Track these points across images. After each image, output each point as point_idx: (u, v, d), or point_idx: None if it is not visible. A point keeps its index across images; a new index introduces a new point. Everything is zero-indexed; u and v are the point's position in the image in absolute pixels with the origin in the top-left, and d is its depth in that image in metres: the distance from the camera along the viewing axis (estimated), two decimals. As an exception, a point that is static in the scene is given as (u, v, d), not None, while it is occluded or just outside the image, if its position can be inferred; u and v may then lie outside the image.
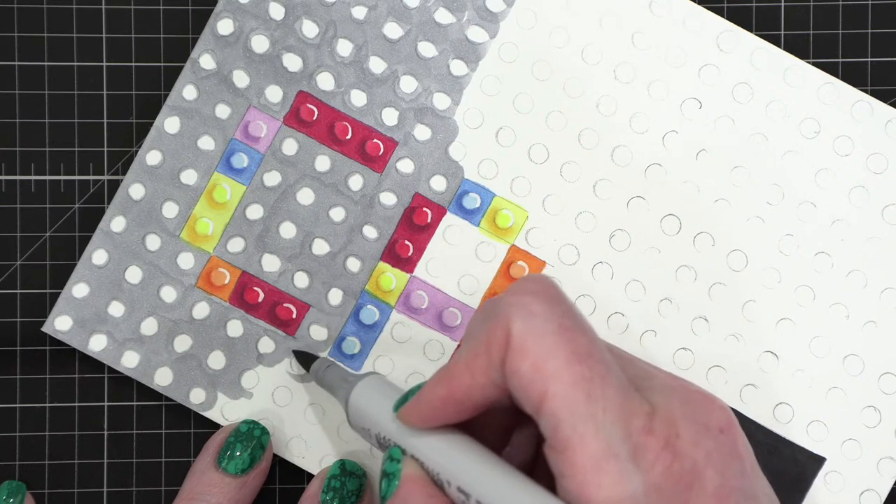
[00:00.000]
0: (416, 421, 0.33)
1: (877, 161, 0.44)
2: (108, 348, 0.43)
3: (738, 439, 0.31)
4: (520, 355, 0.30)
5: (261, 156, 0.44)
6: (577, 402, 0.29)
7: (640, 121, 0.44)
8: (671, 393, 0.31)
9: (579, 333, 0.30)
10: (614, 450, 0.29)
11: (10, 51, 0.44)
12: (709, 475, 0.30)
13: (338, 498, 0.42)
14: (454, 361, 0.32)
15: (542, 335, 0.30)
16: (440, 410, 0.32)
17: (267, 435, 0.42)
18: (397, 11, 0.44)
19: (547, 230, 0.44)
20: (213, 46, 0.44)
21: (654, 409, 0.30)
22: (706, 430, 0.30)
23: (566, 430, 0.29)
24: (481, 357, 0.31)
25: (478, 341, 0.31)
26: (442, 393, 0.32)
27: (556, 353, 0.30)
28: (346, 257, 0.44)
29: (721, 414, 0.31)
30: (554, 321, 0.30)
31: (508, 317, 0.31)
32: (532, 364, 0.30)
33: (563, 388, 0.30)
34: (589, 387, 0.30)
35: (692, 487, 0.29)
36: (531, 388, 0.30)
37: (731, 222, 0.44)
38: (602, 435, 0.29)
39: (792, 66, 0.44)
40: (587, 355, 0.30)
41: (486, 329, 0.31)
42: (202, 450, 0.42)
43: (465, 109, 0.44)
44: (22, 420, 0.44)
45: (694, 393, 0.31)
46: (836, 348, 0.44)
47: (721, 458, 0.30)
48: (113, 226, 0.43)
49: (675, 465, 0.29)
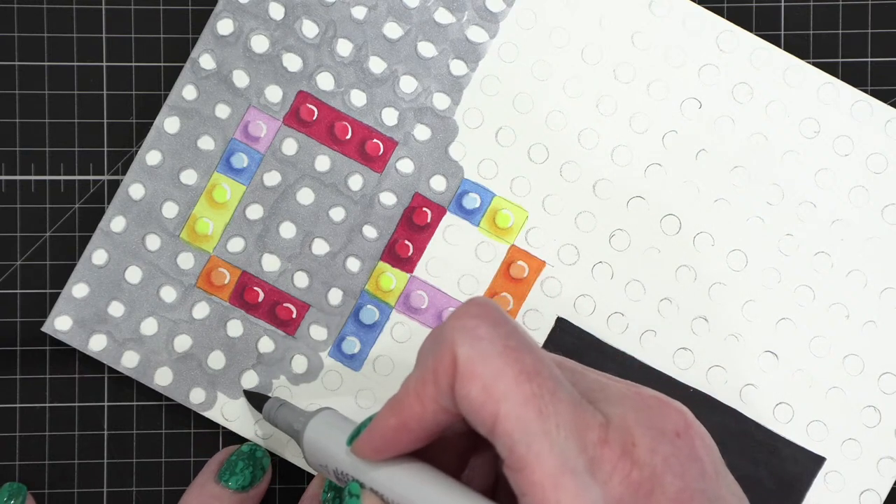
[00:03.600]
0: (370, 453, 0.33)
1: (876, 161, 0.44)
2: (107, 348, 0.43)
3: (696, 441, 0.31)
4: (468, 379, 0.30)
5: (261, 156, 0.44)
6: (529, 420, 0.29)
7: (640, 121, 0.44)
8: (625, 401, 0.31)
9: (525, 353, 0.30)
10: (570, 464, 0.29)
11: (10, 51, 0.44)
12: (668, 480, 0.30)
13: (338, 498, 0.42)
14: (403, 390, 0.32)
15: (488, 357, 0.30)
16: (393, 441, 0.32)
17: (268, 458, 0.43)
18: (397, 11, 0.44)
19: (547, 230, 0.44)
20: (213, 46, 0.44)
21: (608, 420, 0.30)
22: (662, 435, 0.30)
23: (521, 448, 0.29)
24: (429, 384, 0.31)
25: (425, 368, 0.31)
26: (393, 423, 0.32)
27: (504, 374, 0.30)
28: (345, 257, 0.44)
29: (677, 417, 0.31)
30: (499, 343, 0.30)
31: (454, 342, 0.31)
32: (481, 387, 0.30)
33: (514, 408, 0.30)
34: (539, 404, 0.30)
35: (652, 494, 0.29)
36: (483, 411, 0.30)
37: (731, 222, 0.44)
38: (557, 450, 0.29)
39: (792, 66, 0.44)
40: (535, 373, 0.30)
41: (432, 356, 0.31)
42: (204, 467, 0.43)
43: (464, 109, 0.44)
44: (22, 420, 0.44)
45: (648, 399, 0.31)
46: (836, 348, 0.44)
47: (679, 462, 0.30)
48: (113, 226, 0.43)
49: (633, 474, 0.29)
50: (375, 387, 0.44)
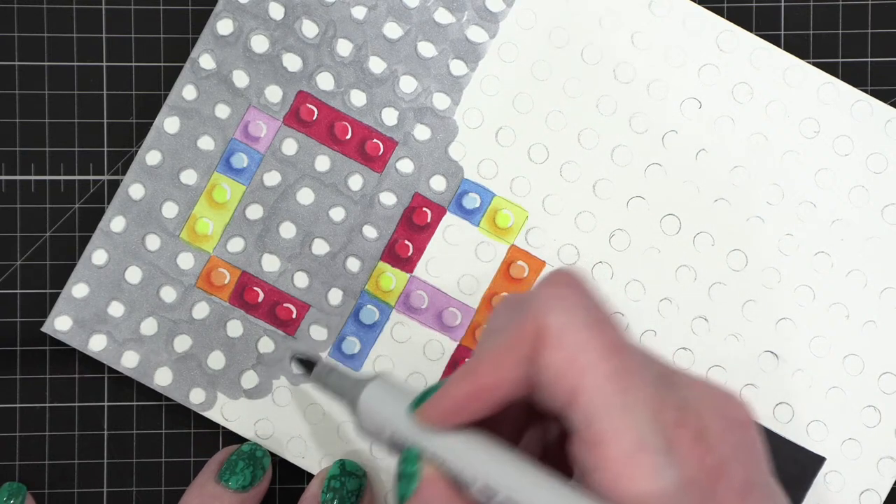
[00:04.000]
0: (437, 419, 0.32)
1: (876, 161, 0.44)
2: (107, 348, 0.43)
3: (758, 435, 0.31)
4: (555, 349, 0.30)
5: (261, 156, 0.44)
6: (612, 395, 0.29)
7: (639, 121, 0.44)
8: (696, 387, 0.31)
9: (611, 327, 0.30)
10: (649, 443, 0.29)
11: (10, 51, 0.44)
12: (735, 469, 0.30)
13: (338, 498, 0.42)
14: (478, 358, 0.31)
15: (576, 328, 0.30)
16: (463, 408, 0.32)
17: (268, 458, 0.43)
18: (397, 11, 0.44)
19: (547, 230, 0.44)
20: (212, 46, 0.44)
21: (685, 402, 0.30)
22: (732, 423, 0.30)
23: (600, 422, 0.29)
24: (512, 350, 0.31)
25: (507, 335, 0.31)
26: (467, 389, 0.31)
27: (590, 346, 0.30)
28: (345, 257, 0.44)
29: (743, 409, 0.31)
30: (589, 314, 0.30)
31: (543, 310, 0.30)
32: (567, 357, 0.30)
33: (598, 381, 0.29)
34: (623, 379, 0.29)
35: (720, 480, 0.29)
36: (563, 382, 0.30)
37: (731, 222, 0.44)
38: (636, 428, 0.29)
39: (792, 66, 0.44)
40: (621, 348, 0.30)
41: (515, 324, 0.31)
42: (204, 467, 0.43)
43: (464, 109, 0.44)
44: (22, 420, 0.44)
45: (717, 388, 0.31)
46: (836, 348, 0.44)
47: (745, 453, 0.30)
48: (113, 226, 0.43)
49: (706, 459, 0.29)
50: (375, 387, 0.44)
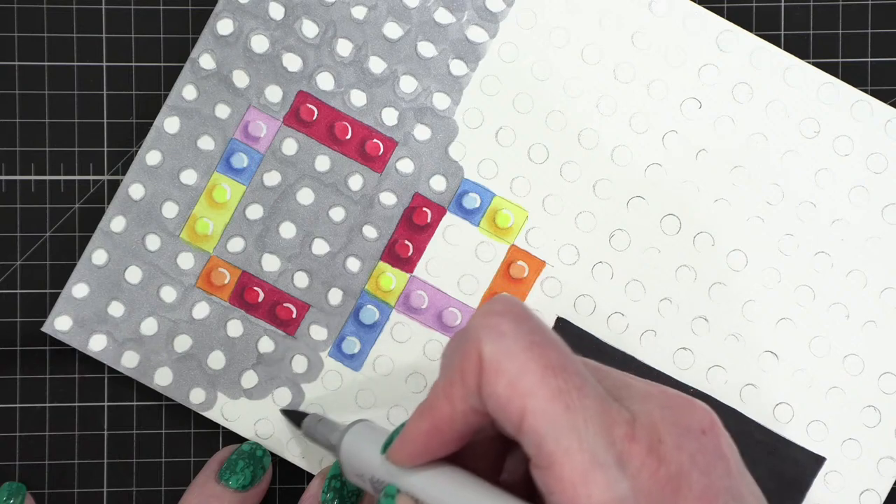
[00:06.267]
0: (404, 459, 0.33)
1: (876, 161, 0.44)
2: (107, 348, 0.43)
3: (722, 439, 0.31)
4: (494, 376, 0.30)
5: (261, 156, 0.44)
6: (557, 415, 0.29)
7: (639, 121, 0.44)
8: (650, 399, 0.31)
9: (550, 348, 0.30)
10: (600, 459, 0.29)
11: (10, 51, 0.44)
12: (695, 477, 0.30)
13: (338, 498, 0.42)
14: (433, 394, 0.32)
15: (513, 353, 0.30)
16: (425, 445, 0.32)
17: (268, 458, 0.43)
18: (397, 11, 0.44)
19: (547, 230, 0.44)
20: (212, 46, 0.44)
21: (634, 416, 0.30)
22: (688, 432, 0.30)
23: (549, 444, 0.29)
24: (457, 384, 0.31)
25: (452, 369, 0.31)
26: (425, 427, 0.32)
27: (530, 369, 0.30)
28: (345, 257, 0.44)
29: (703, 415, 0.31)
30: (524, 338, 0.30)
31: (478, 339, 0.30)
32: (507, 383, 0.30)
33: (541, 403, 0.29)
34: (566, 399, 0.29)
35: (679, 491, 0.29)
36: (509, 407, 0.30)
37: (731, 222, 0.44)
38: (586, 445, 0.29)
39: (792, 66, 0.44)
40: (561, 368, 0.30)
41: (458, 355, 0.31)
42: (204, 466, 0.43)
43: (464, 109, 0.44)
44: (22, 420, 0.44)
45: (673, 397, 0.31)
46: (836, 348, 0.44)
47: (705, 460, 0.30)
48: (113, 226, 0.43)
49: (661, 471, 0.29)
50: (375, 387, 0.44)
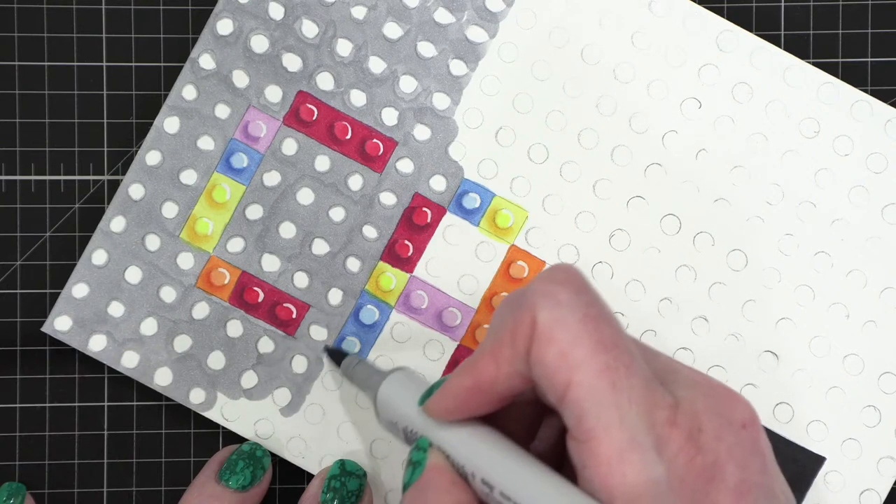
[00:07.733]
0: (441, 413, 0.33)
1: (876, 161, 0.44)
2: (107, 348, 0.43)
3: (760, 436, 0.31)
4: (546, 344, 0.30)
5: (260, 156, 0.44)
6: (602, 391, 0.29)
7: (639, 121, 0.44)
8: (695, 387, 0.31)
9: (605, 323, 0.30)
10: (639, 440, 0.29)
11: (10, 51, 0.44)
12: (730, 470, 0.30)
13: (338, 498, 0.42)
14: (479, 352, 0.32)
15: (567, 324, 0.30)
16: (465, 402, 0.32)
17: (268, 458, 0.43)
18: (397, 11, 0.44)
19: (547, 230, 0.44)
20: (212, 46, 0.44)
21: (677, 402, 0.30)
22: (729, 424, 0.30)
23: (590, 419, 0.29)
24: (506, 346, 0.31)
25: (503, 331, 0.31)
26: (467, 384, 0.32)
27: (582, 342, 0.30)
28: (345, 257, 0.44)
29: (744, 409, 0.31)
30: (580, 310, 0.30)
31: (534, 305, 0.30)
32: (557, 352, 0.30)
33: (588, 377, 0.29)
34: (614, 376, 0.29)
35: (713, 481, 0.29)
36: (556, 377, 0.30)
37: (731, 222, 0.44)
38: (626, 425, 0.29)
39: (792, 66, 0.44)
40: (612, 345, 0.30)
41: (511, 319, 0.31)
42: (204, 466, 0.43)
43: (464, 109, 0.44)
44: (22, 420, 0.44)
45: (717, 388, 0.31)
46: (836, 348, 0.44)
47: (742, 454, 0.30)
48: (113, 226, 0.43)
49: (697, 459, 0.29)
50: (375, 387, 0.44)
